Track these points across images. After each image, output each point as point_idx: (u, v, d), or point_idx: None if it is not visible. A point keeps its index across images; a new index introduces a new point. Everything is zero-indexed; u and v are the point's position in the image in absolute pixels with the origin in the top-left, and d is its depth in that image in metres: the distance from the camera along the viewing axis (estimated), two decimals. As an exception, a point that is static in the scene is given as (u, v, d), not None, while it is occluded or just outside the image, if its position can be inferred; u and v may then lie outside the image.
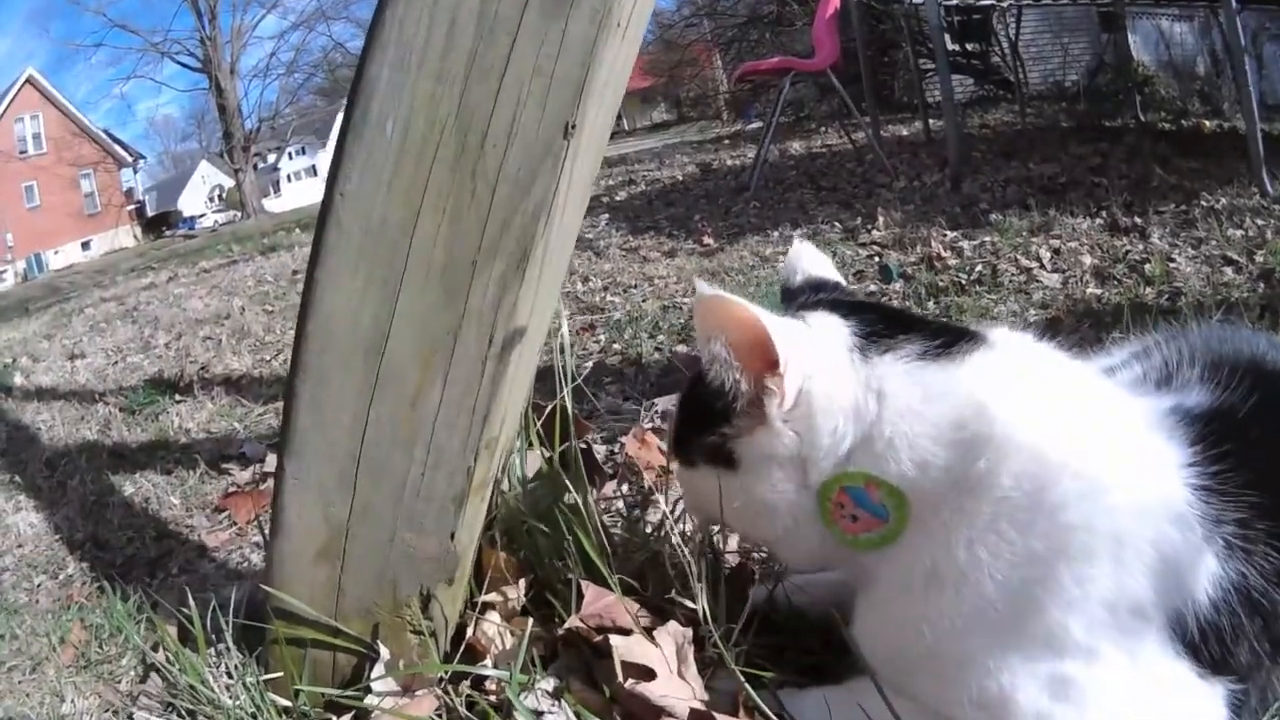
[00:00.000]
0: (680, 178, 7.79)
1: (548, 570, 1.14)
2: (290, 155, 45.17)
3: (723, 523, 0.99)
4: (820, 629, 1.10)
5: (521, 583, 1.15)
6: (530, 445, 1.23)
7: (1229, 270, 2.77)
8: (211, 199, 36.82)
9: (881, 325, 0.91)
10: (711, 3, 16.67)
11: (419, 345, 1.00)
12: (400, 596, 1.08)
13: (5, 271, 27.40)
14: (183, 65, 30.04)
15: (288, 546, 1.07)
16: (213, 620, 1.25)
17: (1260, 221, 3.23)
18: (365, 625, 1.09)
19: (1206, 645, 0.80)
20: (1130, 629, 0.80)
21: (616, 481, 1.63)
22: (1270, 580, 0.80)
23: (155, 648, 1.42)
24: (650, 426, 1.97)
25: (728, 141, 11.42)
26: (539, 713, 0.94)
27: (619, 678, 0.93)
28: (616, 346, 2.94)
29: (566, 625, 1.02)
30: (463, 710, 1.01)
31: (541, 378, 1.32)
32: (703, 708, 0.92)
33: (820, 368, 0.88)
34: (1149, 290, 2.65)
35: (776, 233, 4.36)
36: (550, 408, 1.22)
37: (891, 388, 0.87)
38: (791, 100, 7.28)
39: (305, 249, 8.29)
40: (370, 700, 1.05)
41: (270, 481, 2.22)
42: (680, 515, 1.18)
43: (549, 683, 0.98)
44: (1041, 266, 3.03)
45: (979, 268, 3.10)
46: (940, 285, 2.96)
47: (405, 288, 0.98)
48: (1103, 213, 3.65)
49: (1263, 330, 1.80)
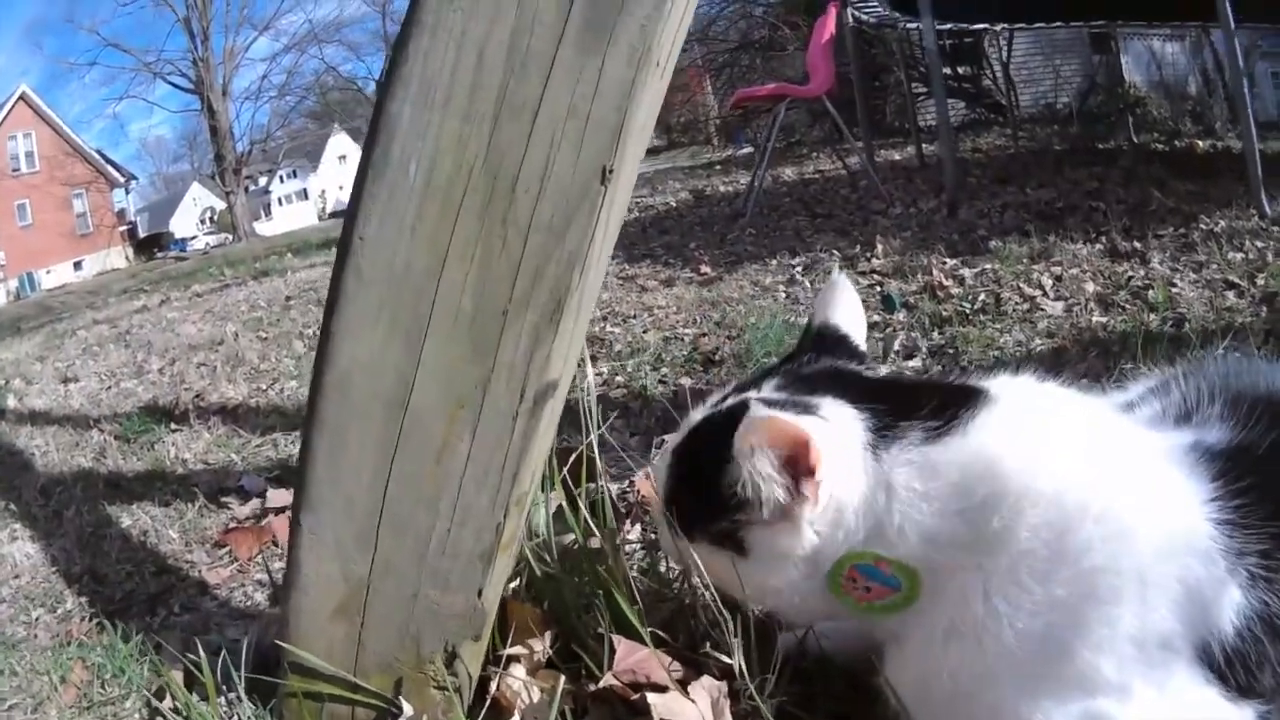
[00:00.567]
0: (674, 204, 7.79)
1: (574, 622, 1.11)
2: (281, 178, 45.23)
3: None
4: (848, 675, 1.08)
5: (547, 635, 1.12)
6: (552, 488, 1.20)
7: (1231, 295, 2.76)
8: (203, 221, 36.76)
9: (890, 417, 0.91)
10: (703, 28, 16.74)
11: (445, 399, 0.96)
12: (424, 653, 1.04)
13: (-4, 291, 27.30)
14: (175, 86, 30.23)
15: (305, 602, 1.03)
16: (221, 667, 1.21)
17: (1260, 244, 3.23)
18: (386, 681, 1.06)
19: (1233, 672, 0.82)
20: (1159, 662, 0.81)
21: (630, 521, 1.61)
22: None
23: (159, 693, 1.38)
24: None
25: (719, 167, 11.45)
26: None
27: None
28: (619, 379, 2.91)
29: (602, 684, 0.99)
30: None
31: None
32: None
33: (844, 470, 0.89)
34: (1153, 317, 2.64)
35: (775, 261, 4.33)
36: (575, 454, 1.19)
37: (898, 479, 0.88)
38: (784, 126, 7.29)
39: (297, 274, 8.31)
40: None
41: (271, 518, 2.21)
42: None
43: (581, 744, 0.95)
44: (1044, 294, 3.02)
45: (982, 296, 3.08)
46: (944, 315, 2.94)
47: (430, 338, 0.95)
48: (1102, 238, 3.64)
49: (1273, 358, 1.81)
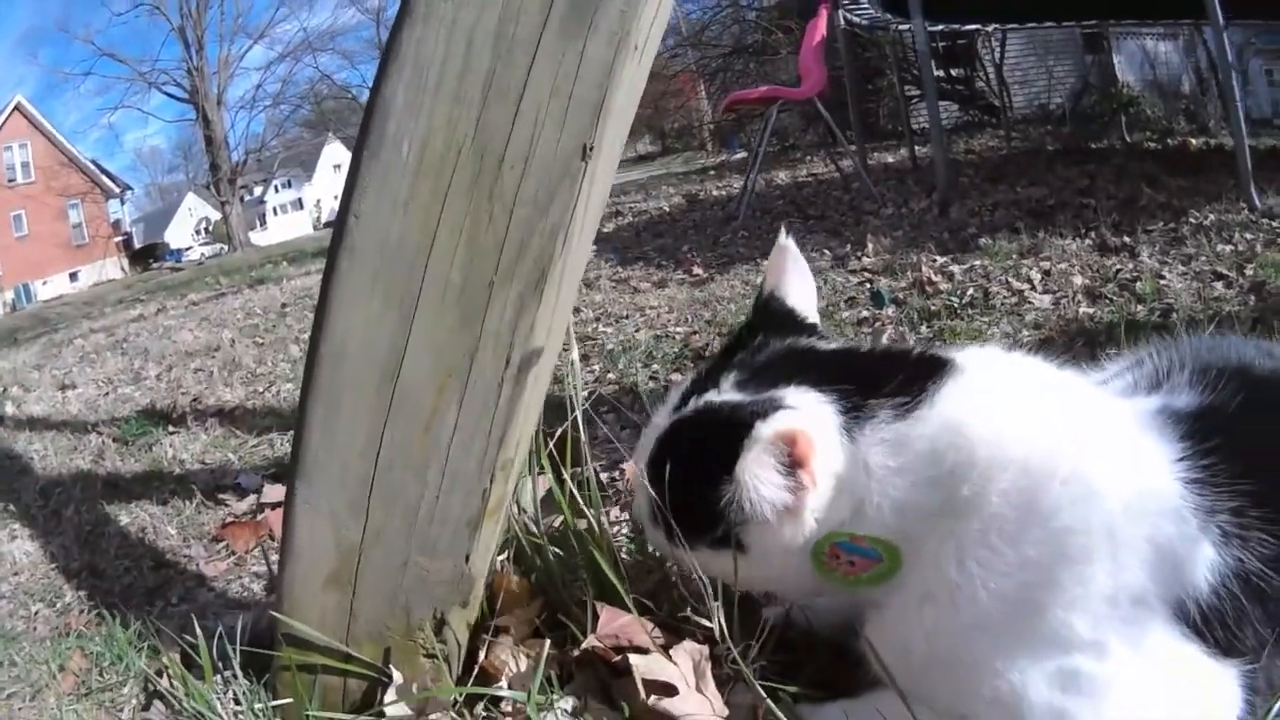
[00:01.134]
0: (667, 209, 7.80)
1: (560, 592, 1.14)
2: (276, 188, 45.18)
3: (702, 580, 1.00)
4: (833, 645, 1.11)
5: (534, 606, 1.15)
6: (541, 470, 1.23)
7: (1219, 285, 2.79)
8: (198, 231, 36.71)
9: (857, 396, 0.92)
10: (696, 33, 16.77)
11: (435, 368, 0.99)
12: (413, 621, 1.07)
13: (-7, 301, 27.19)
14: (170, 96, 30.09)
15: (298, 571, 1.06)
16: (218, 647, 1.23)
17: (1249, 236, 3.26)
18: (377, 649, 1.08)
19: (1211, 630, 0.83)
20: (1134, 618, 0.83)
21: (620, 507, 1.64)
22: (1268, 564, 0.83)
23: (159, 674, 1.41)
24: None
25: (713, 172, 11.47)
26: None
27: (641, 695, 0.93)
28: (611, 376, 2.93)
29: (584, 645, 1.01)
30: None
31: (546, 405, 1.31)
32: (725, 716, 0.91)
33: (831, 456, 0.91)
34: (1140, 308, 2.67)
35: (766, 262, 4.33)
36: (560, 431, 1.22)
37: (874, 459, 0.90)
38: (776, 130, 7.33)
39: (293, 282, 8.32)
40: (383, 725, 1.04)
41: (268, 512, 2.23)
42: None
43: (568, 702, 0.98)
44: (1033, 288, 3.05)
45: (970, 291, 3.11)
46: (932, 310, 2.98)
47: (421, 310, 0.98)
48: (1092, 233, 3.67)
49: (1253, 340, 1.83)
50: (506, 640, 1.11)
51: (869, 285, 3.52)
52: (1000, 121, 8.89)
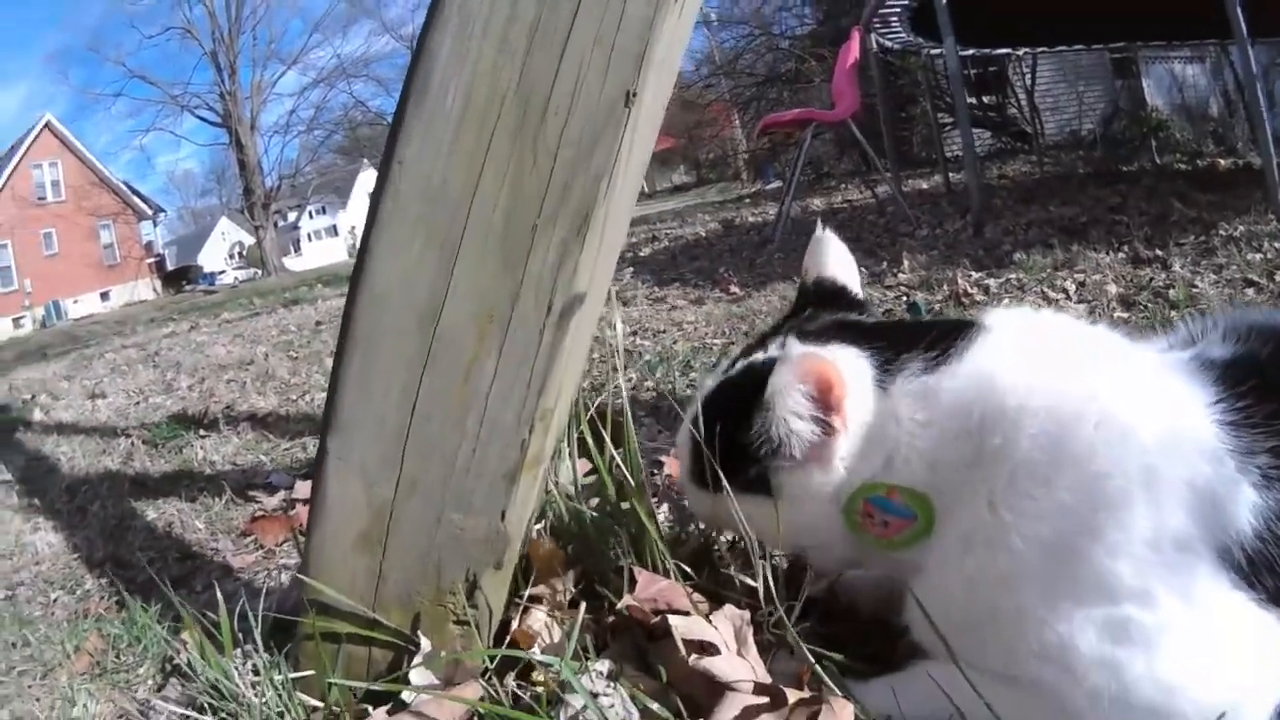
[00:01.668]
0: (703, 234, 7.84)
1: (598, 559, 1.12)
2: (310, 214, 45.70)
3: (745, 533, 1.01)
4: (876, 623, 1.08)
5: (570, 575, 1.12)
6: (581, 436, 1.21)
7: (1251, 291, 2.79)
8: (232, 256, 37.06)
9: (891, 352, 0.95)
10: (730, 62, 16.87)
11: (476, 313, 0.98)
12: (444, 583, 1.04)
13: (24, 318, 27.41)
14: (202, 119, 30.56)
15: (327, 531, 1.04)
16: (241, 624, 1.22)
17: (1279, 244, 3.25)
18: (405, 616, 1.06)
19: (1259, 576, 0.81)
20: (1179, 566, 0.80)
21: (656, 500, 1.61)
22: None
23: (177, 651, 1.39)
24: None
25: (749, 200, 11.55)
26: (594, 694, 0.90)
27: (681, 652, 0.90)
28: (649, 384, 2.92)
29: (621, 604, 0.98)
30: (507, 703, 0.97)
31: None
32: (769, 681, 0.88)
33: (863, 403, 0.93)
34: (1174, 313, 2.64)
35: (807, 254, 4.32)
36: (599, 401, 1.20)
37: (903, 409, 0.92)
38: (811, 158, 7.35)
39: (329, 303, 8.39)
40: (408, 695, 1.00)
41: (299, 508, 2.21)
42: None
43: (603, 664, 0.94)
44: (1068, 298, 3.04)
45: (1006, 302, 3.09)
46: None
47: (463, 254, 0.97)
48: (1124, 247, 3.65)
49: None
50: (540, 610, 1.09)
51: (905, 299, 3.50)
52: (1032, 147, 8.88)
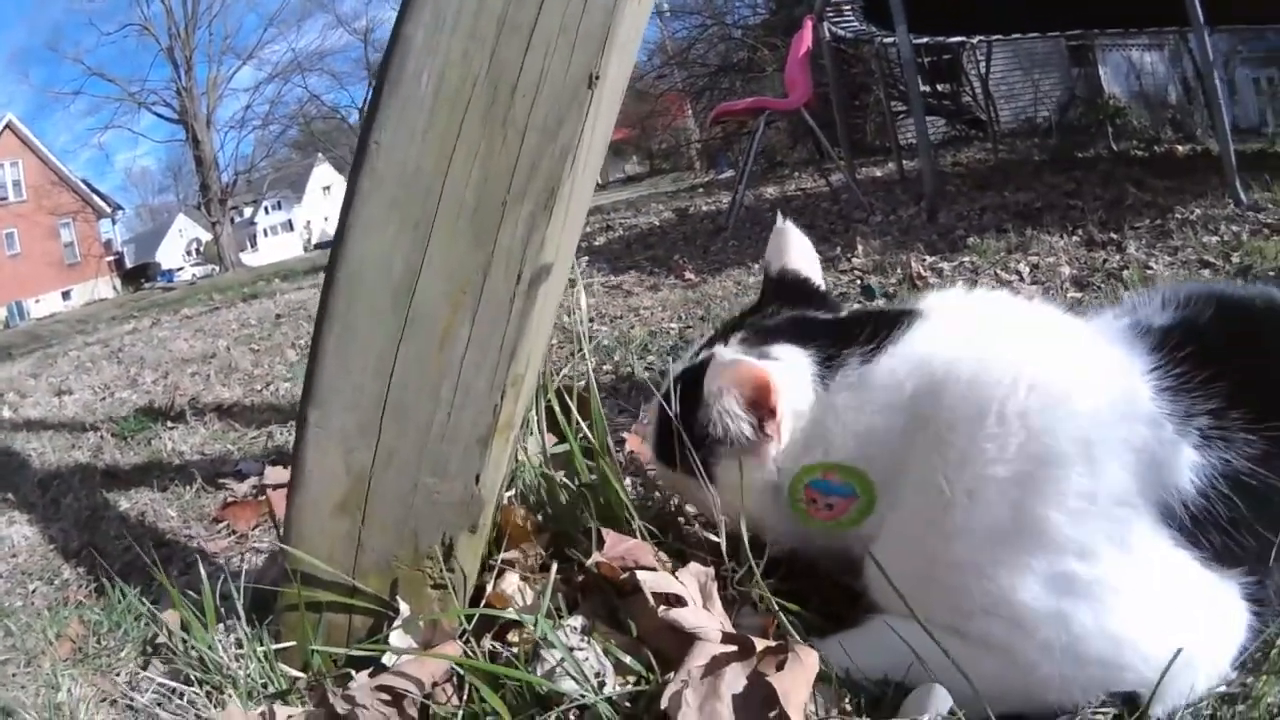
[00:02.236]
0: (657, 223, 7.84)
1: (567, 525, 1.17)
2: (266, 209, 45.20)
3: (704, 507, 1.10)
4: (835, 583, 1.11)
5: (541, 538, 1.17)
6: (552, 420, 1.26)
7: (1206, 272, 2.84)
8: (189, 252, 36.53)
9: (833, 349, 1.01)
10: (683, 52, 16.84)
11: (449, 285, 1.03)
12: (421, 547, 1.09)
13: (-14, 318, 26.92)
14: (159, 116, 30.07)
15: (307, 499, 1.08)
16: (223, 602, 1.26)
17: (1235, 227, 3.30)
18: (384, 581, 1.10)
19: (1206, 535, 0.83)
20: (1119, 519, 0.83)
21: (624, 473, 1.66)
22: (1258, 463, 0.83)
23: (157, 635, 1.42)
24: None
25: (702, 190, 11.53)
26: (570, 649, 0.95)
27: (650, 605, 0.95)
28: (607, 368, 2.95)
29: (591, 560, 1.03)
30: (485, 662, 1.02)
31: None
32: (735, 632, 0.93)
33: (798, 404, 1.00)
34: (1127, 294, 2.69)
35: (757, 265, 4.36)
36: (562, 375, 1.25)
37: (840, 402, 0.98)
38: (764, 148, 7.41)
39: (286, 296, 8.32)
40: (389, 658, 1.04)
41: (270, 493, 2.22)
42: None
43: (577, 620, 0.99)
44: (1021, 279, 3.09)
45: (960, 284, 3.14)
46: (923, 302, 3.00)
47: (437, 230, 1.03)
48: (1079, 231, 3.71)
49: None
50: (513, 574, 1.13)
51: (859, 283, 3.55)
52: (987, 135, 8.98)
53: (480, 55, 1.01)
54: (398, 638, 1.06)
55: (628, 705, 0.91)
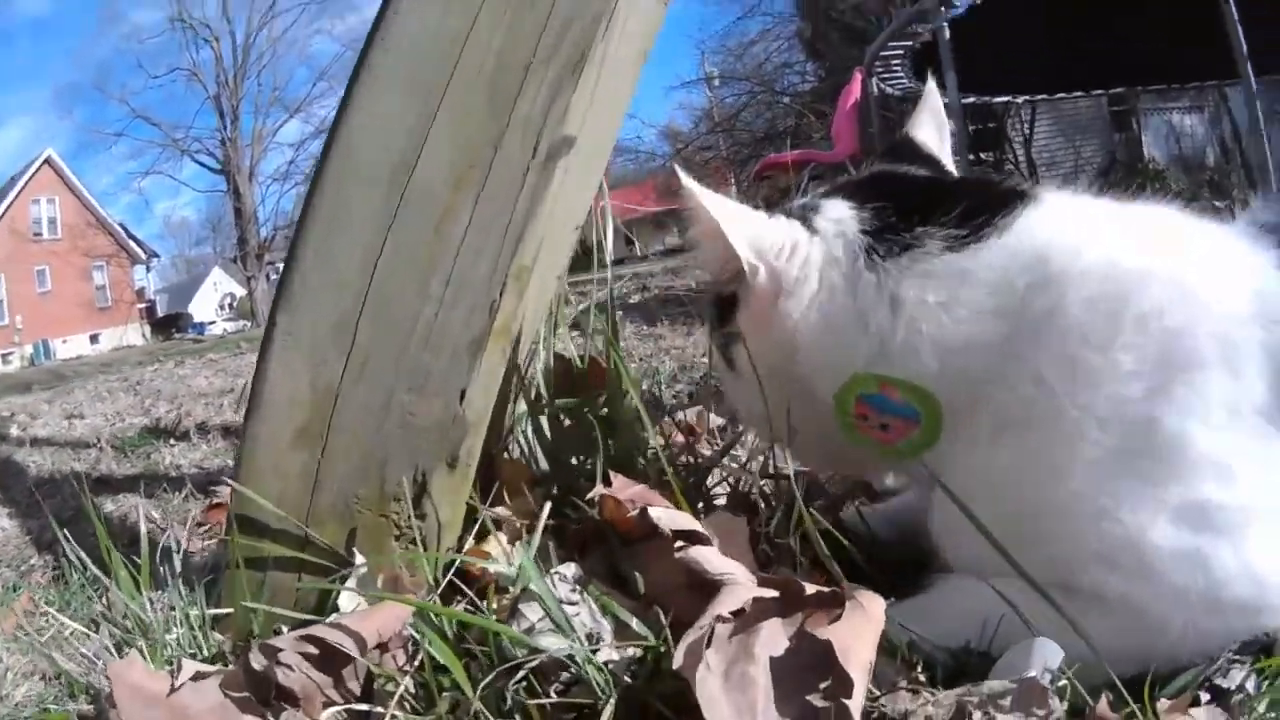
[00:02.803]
0: (694, 285, 7.78)
1: (569, 473, 0.97)
2: (304, 267, 45.47)
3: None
4: (895, 561, 0.92)
5: (536, 493, 0.97)
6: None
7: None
8: (222, 307, 36.54)
9: (904, 223, 0.82)
10: (729, 118, 16.90)
11: (456, 159, 0.88)
12: (389, 486, 0.91)
13: (12, 354, 26.85)
14: (202, 165, 29.95)
15: (263, 428, 0.92)
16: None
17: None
18: (342, 530, 0.92)
19: None
20: (1259, 433, 0.69)
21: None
22: None
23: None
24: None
25: (742, 257, 11.47)
26: (559, 600, 0.75)
27: (662, 550, 0.75)
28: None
29: (594, 493, 0.83)
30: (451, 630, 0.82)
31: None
32: (774, 575, 0.72)
33: (805, 278, 0.83)
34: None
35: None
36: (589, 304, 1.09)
37: (908, 293, 0.79)
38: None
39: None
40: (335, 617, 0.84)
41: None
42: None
43: (569, 568, 0.79)
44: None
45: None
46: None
47: (449, 96, 0.88)
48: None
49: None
50: (500, 535, 0.93)
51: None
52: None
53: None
54: (347, 599, 0.86)
55: (629, 679, 0.71)
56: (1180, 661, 0.69)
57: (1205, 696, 0.67)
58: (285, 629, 0.89)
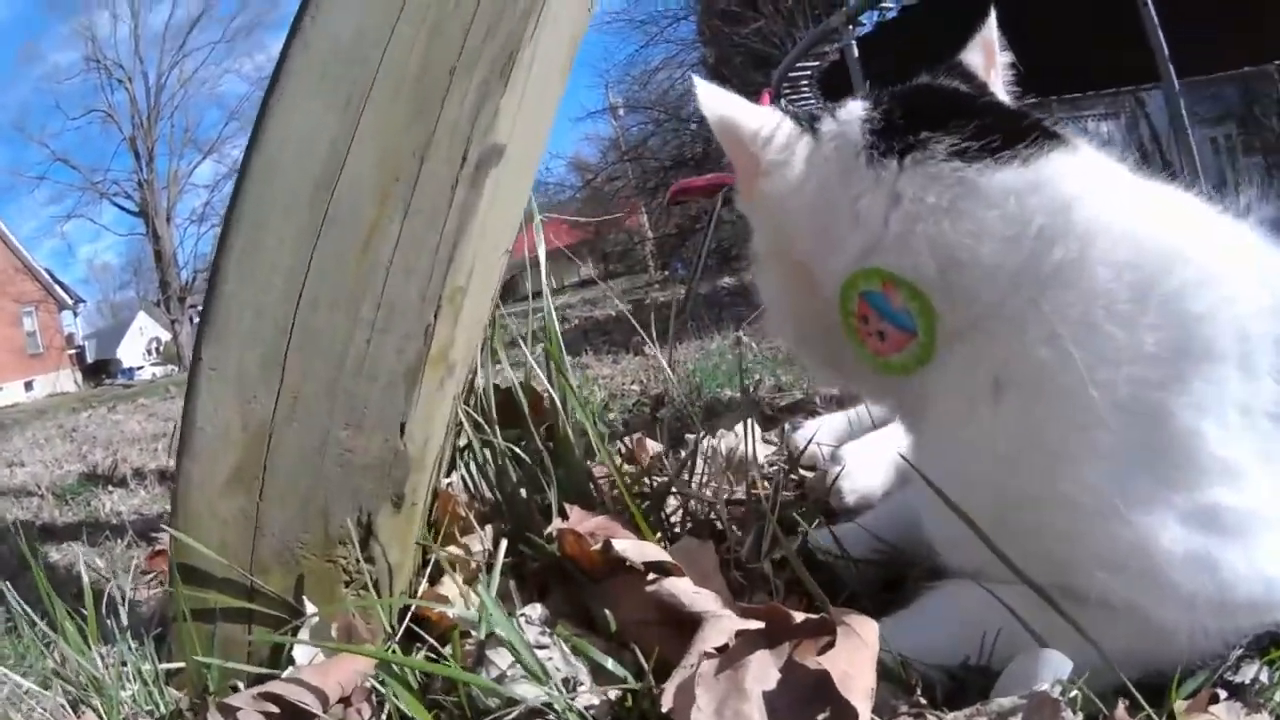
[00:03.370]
0: (614, 314, 7.80)
1: (521, 508, 0.92)
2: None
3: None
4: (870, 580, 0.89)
5: (488, 531, 0.92)
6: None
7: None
8: (149, 351, 35.69)
9: (914, 125, 0.78)
10: (635, 146, 16.79)
11: (380, 171, 0.82)
12: (333, 529, 0.84)
13: (-52, 403, 26.11)
14: (120, 208, 29.25)
15: (196, 470, 0.85)
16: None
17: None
18: (288, 577, 0.86)
19: None
20: (1268, 433, 0.65)
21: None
22: None
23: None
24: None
25: (658, 285, 11.66)
26: (530, 645, 0.69)
27: (633, 586, 0.70)
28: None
29: (551, 528, 0.78)
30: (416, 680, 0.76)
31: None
32: (757, 605, 0.68)
33: (784, 162, 0.82)
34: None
35: (718, 336, 4.20)
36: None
37: (906, 189, 0.76)
38: (716, 246, 7.31)
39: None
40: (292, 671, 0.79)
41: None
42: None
43: (535, 609, 0.74)
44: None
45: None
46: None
47: (371, 104, 0.83)
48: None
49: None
50: (451, 584, 0.86)
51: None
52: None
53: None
54: (302, 652, 0.81)
55: (610, 721, 0.65)
56: (1185, 663, 0.66)
57: (1223, 694, 0.64)
58: (242, 685, 0.84)
